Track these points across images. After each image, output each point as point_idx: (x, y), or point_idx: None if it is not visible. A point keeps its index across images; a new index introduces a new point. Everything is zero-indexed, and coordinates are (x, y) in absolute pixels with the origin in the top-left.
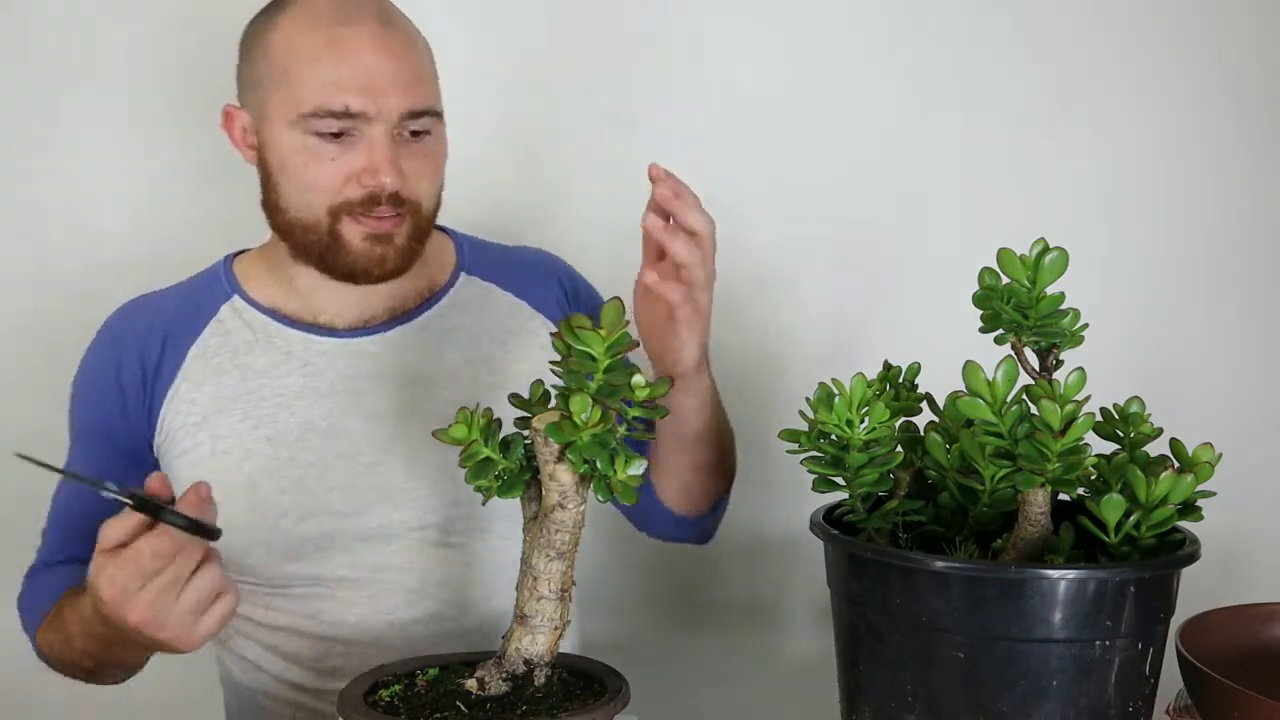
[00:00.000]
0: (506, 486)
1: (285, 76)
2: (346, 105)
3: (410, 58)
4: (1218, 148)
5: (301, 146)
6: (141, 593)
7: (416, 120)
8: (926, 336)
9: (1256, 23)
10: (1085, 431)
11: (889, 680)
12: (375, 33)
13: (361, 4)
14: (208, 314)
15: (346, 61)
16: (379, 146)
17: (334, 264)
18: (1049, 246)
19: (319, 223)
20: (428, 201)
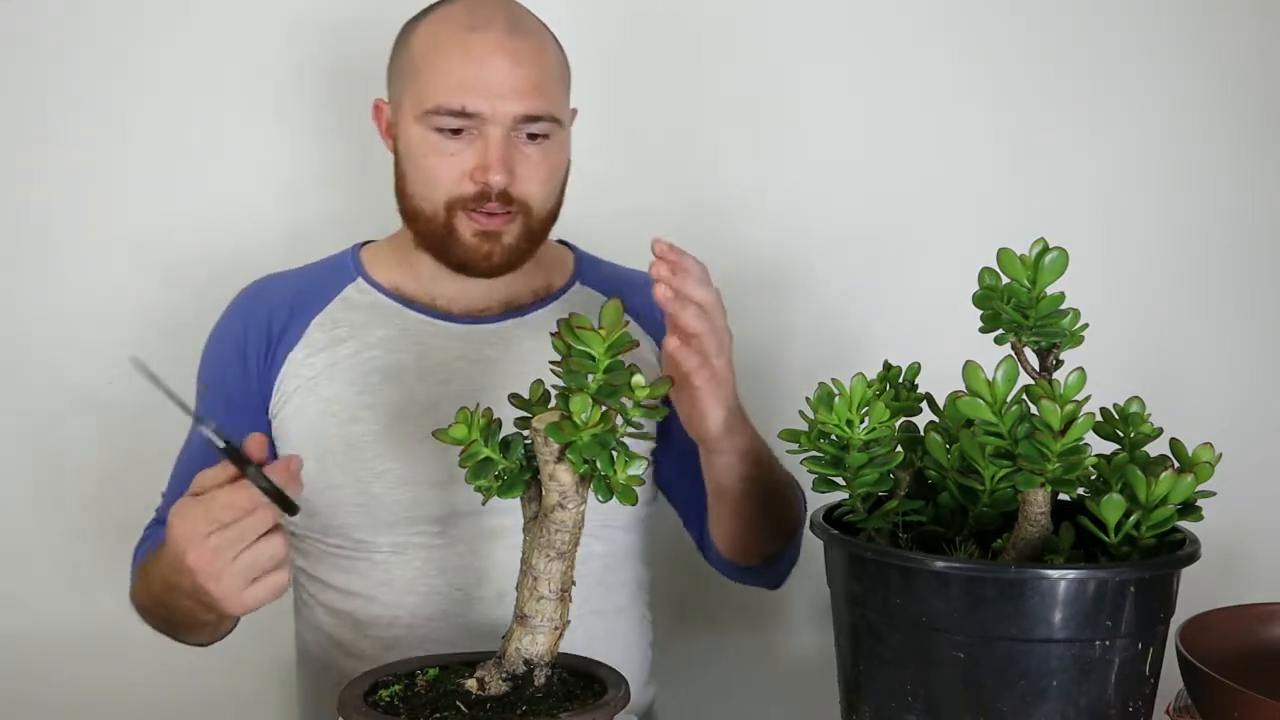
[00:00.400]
0: (506, 486)
1: (417, 74)
2: (464, 105)
3: (532, 65)
4: (1218, 148)
5: (425, 140)
6: (207, 539)
7: (533, 124)
8: (926, 336)
9: (1256, 23)
10: (1085, 431)
11: (889, 680)
12: (500, 40)
13: (494, 13)
14: (333, 292)
15: (469, 65)
16: (492, 146)
17: (447, 254)
18: (1049, 246)
19: (436, 214)
20: (539, 204)
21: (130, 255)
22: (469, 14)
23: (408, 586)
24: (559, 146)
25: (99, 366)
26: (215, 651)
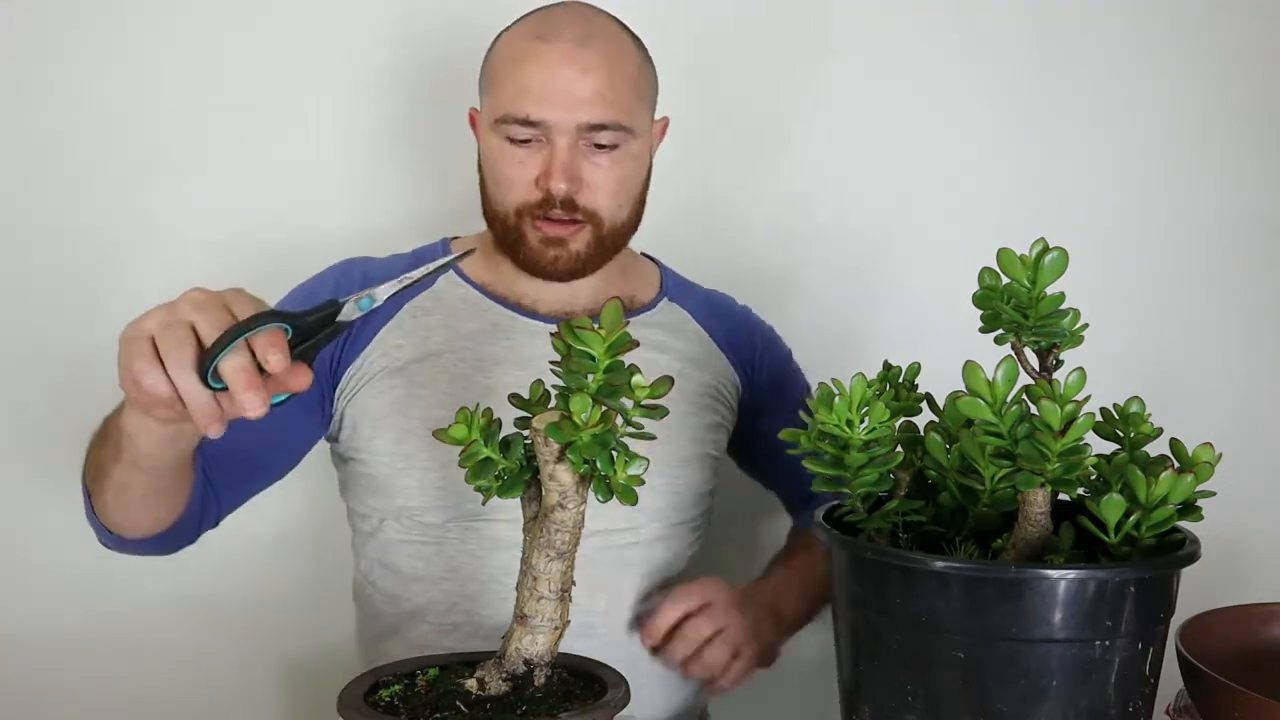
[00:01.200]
0: (506, 486)
1: (493, 83)
2: (529, 113)
3: (600, 74)
4: (1218, 148)
5: (498, 148)
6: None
7: (600, 134)
8: (926, 336)
9: (1257, 23)
10: (1085, 431)
11: (889, 680)
12: (567, 50)
13: (563, 23)
14: (425, 282)
15: (535, 74)
16: (557, 154)
17: (518, 257)
18: (1049, 246)
19: (508, 218)
20: (609, 213)
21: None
22: (542, 24)
23: (471, 574)
24: (631, 156)
25: None
26: (216, 652)
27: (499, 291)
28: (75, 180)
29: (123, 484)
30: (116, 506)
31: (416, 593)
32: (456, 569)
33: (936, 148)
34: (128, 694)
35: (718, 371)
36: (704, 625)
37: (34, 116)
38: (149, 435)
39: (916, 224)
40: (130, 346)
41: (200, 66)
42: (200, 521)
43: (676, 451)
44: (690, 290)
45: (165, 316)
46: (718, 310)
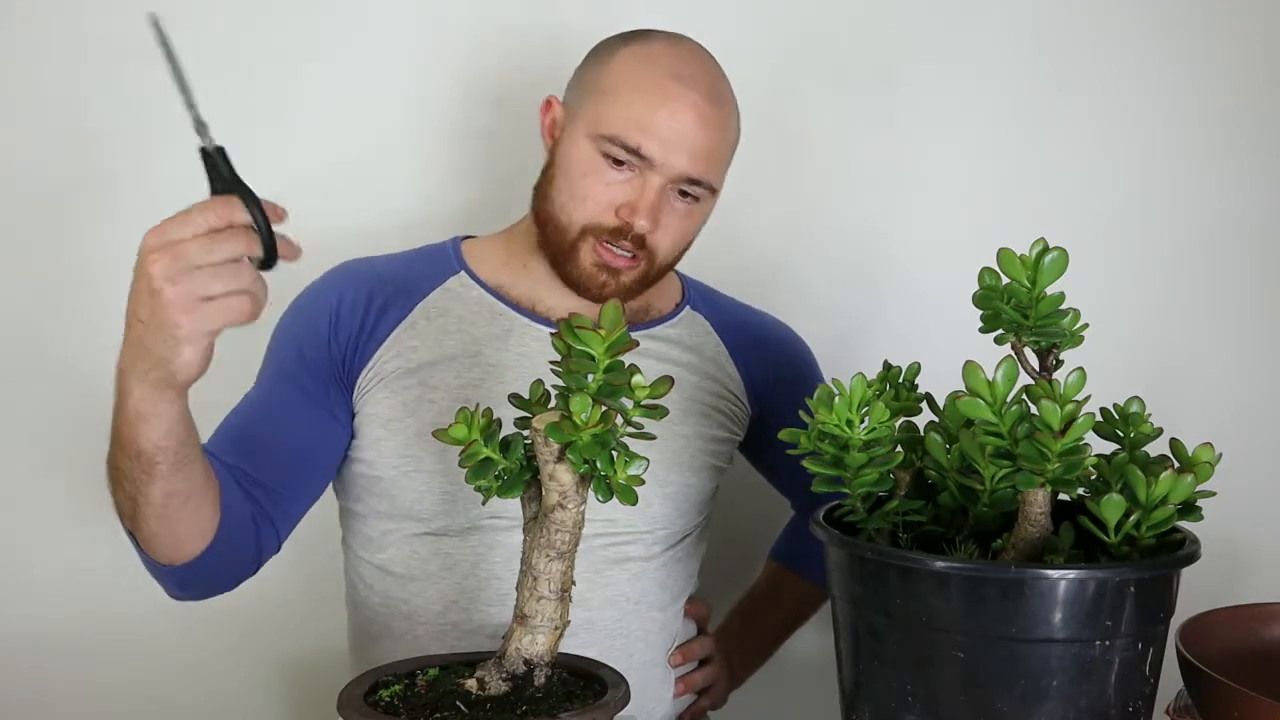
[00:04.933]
0: (506, 486)
1: (605, 95)
2: (640, 145)
3: (716, 134)
4: (1218, 147)
5: (589, 160)
6: (173, 245)
7: (691, 186)
8: (926, 336)
9: (1257, 23)
10: (1085, 431)
11: (889, 680)
12: (697, 102)
13: (699, 72)
14: (436, 280)
15: (661, 112)
16: (648, 192)
17: (564, 270)
18: (1049, 246)
19: (569, 229)
20: (664, 256)
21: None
22: (677, 61)
23: (470, 573)
24: (704, 212)
25: None
26: (215, 652)
27: (513, 295)
28: (93, 178)
29: (166, 496)
30: (163, 531)
31: (413, 593)
32: (456, 570)
33: (937, 147)
34: (127, 694)
35: (729, 384)
36: (700, 651)
37: (51, 109)
38: (159, 420)
39: (916, 224)
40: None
41: (218, 58)
42: (259, 548)
43: (680, 459)
44: (715, 301)
45: (185, 259)
46: (742, 323)
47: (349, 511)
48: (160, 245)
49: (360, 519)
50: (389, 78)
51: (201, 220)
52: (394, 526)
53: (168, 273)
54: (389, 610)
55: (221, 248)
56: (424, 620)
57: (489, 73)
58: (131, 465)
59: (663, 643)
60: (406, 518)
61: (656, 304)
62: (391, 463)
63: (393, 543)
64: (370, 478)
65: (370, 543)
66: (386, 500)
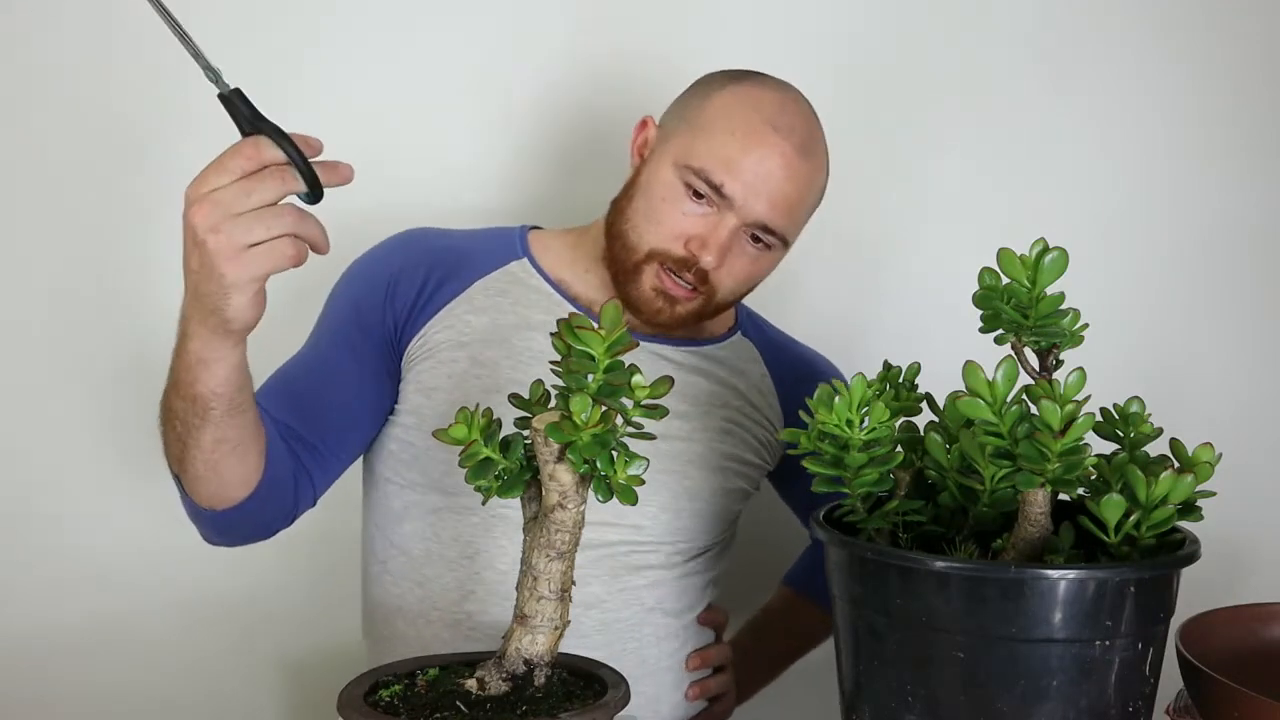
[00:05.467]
0: (506, 486)
1: (702, 129)
2: (723, 184)
3: (801, 187)
4: (1218, 147)
5: (670, 185)
6: (212, 193)
7: (766, 234)
8: (926, 336)
9: (1257, 23)
10: (1085, 431)
11: (889, 680)
12: (789, 153)
13: (797, 124)
14: (499, 261)
15: (751, 155)
16: (722, 230)
17: (623, 288)
18: (1049, 246)
19: (636, 250)
20: (726, 295)
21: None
22: (779, 111)
23: (489, 564)
24: (772, 261)
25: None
26: (216, 652)
27: (573, 291)
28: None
29: (216, 442)
30: (209, 475)
31: (429, 577)
32: (476, 560)
33: (937, 147)
34: (128, 694)
35: (768, 412)
36: (718, 657)
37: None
38: (217, 365)
39: (916, 224)
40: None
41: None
42: (296, 500)
43: (715, 475)
44: (766, 331)
45: (235, 205)
46: (790, 356)
47: (378, 480)
48: (200, 196)
49: (387, 488)
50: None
51: (235, 165)
52: (418, 499)
53: (209, 222)
54: (401, 592)
55: (259, 191)
56: (438, 606)
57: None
58: (185, 408)
59: (677, 648)
60: (432, 490)
61: (710, 325)
62: (428, 430)
63: (413, 517)
64: (405, 443)
65: (391, 514)
66: (417, 469)
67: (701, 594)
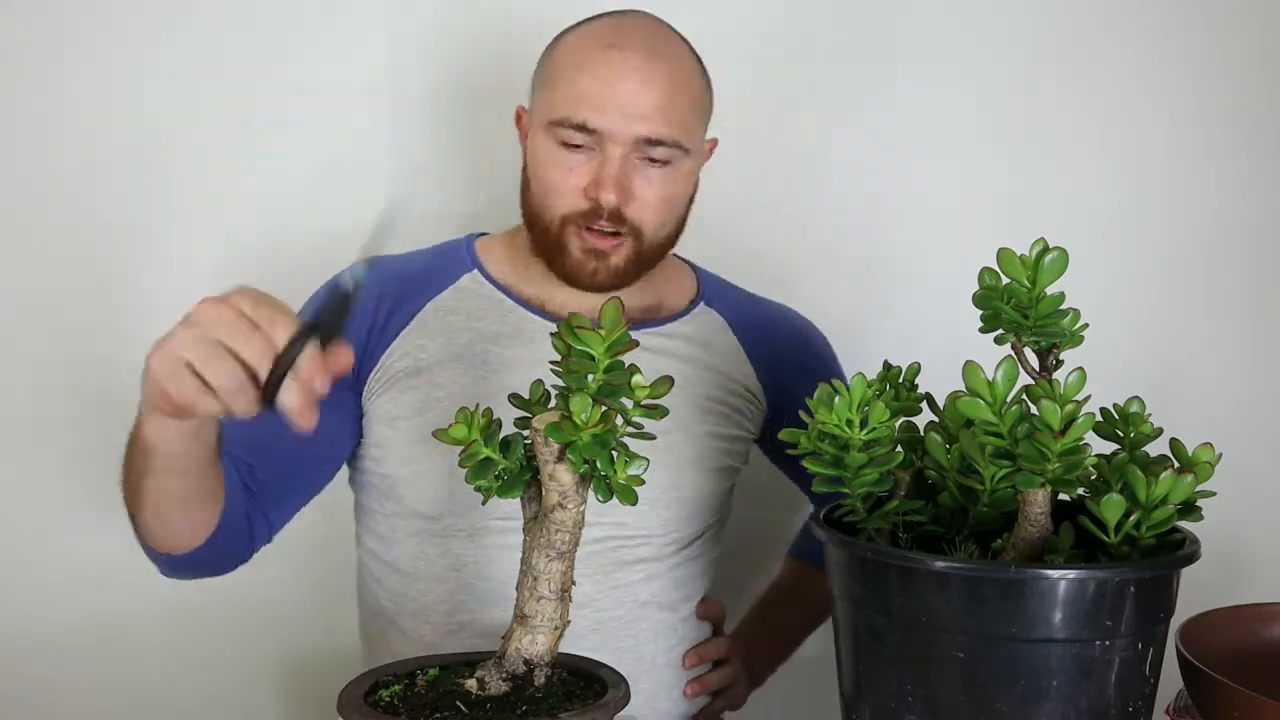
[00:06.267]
0: (506, 486)
1: (551, 84)
2: (586, 120)
3: (664, 89)
4: (1218, 147)
5: (548, 151)
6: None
7: (655, 149)
8: (926, 336)
9: (1257, 23)
10: (1085, 431)
11: (889, 680)
12: (636, 61)
13: (633, 32)
14: (449, 278)
15: (599, 81)
16: (609, 165)
17: (556, 265)
18: (1049, 246)
19: (551, 224)
20: (651, 229)
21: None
22: (612, 31)
23: (479, 574)
24: (682, 175)
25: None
26: (216, 652)
27: (525, 294)
28: (84, 182)
29: (159, 494)
30: (157, 523)
31: (422, 592)
32: (465, 572)
33: (936, 147)
34: (127, 694)
35: (744, 381)
36: (714, 652)
37: (40, 117)
38: (175, 436)
39: (916, 224)
40: (174, 380)
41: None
42: (251, 538)
43: (694, 460)
44: (731, 296)
45: (202, 347)
46: (759, 318)
47: (363, 507)
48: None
49: (372, 515)
50: (389, 75)
51: (247, 303)
52: (403, 524)
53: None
54: (396, 607)
55: (237, 338)
56: (430, 620)
57: (495, 69)
58: (138, 452)
59: (674, 644)
60: (414, 516)
61: (669, 301)
62: (399, 462)
63: (400, 540)
64: (379, 475)
65: (381, 540)
66: (394, 499)
67: (698, 582)
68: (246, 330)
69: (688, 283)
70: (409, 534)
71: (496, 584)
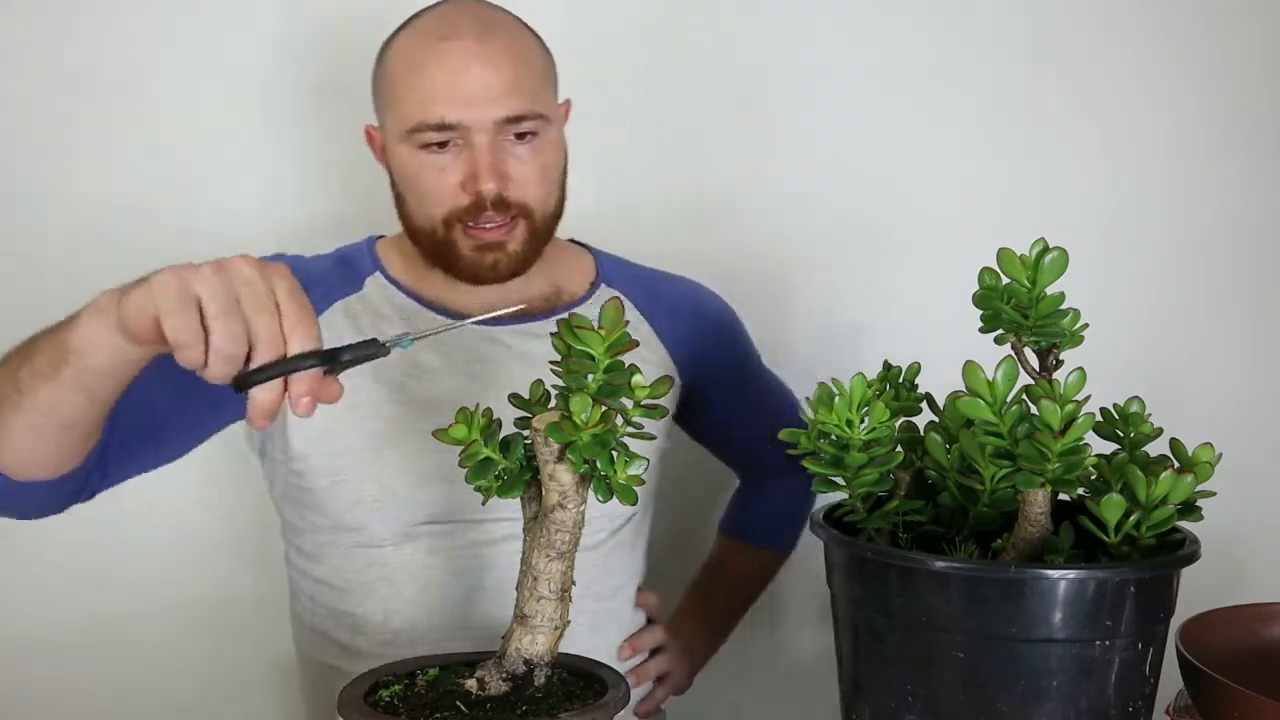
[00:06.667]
0: (506, 486)
1: (395, 94)
2: (443, 117)
3: (508, 66)
4: (1218, 147)
5: (413, 159)
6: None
7: (518, 125)
8: (926, 336)
9: (1257, 23)
10: (1085, 431)
11: (889, 680)
12: (471, 46)
13: (463, 18)
14: (353, 282)
15: (442, 75)
16: (480, 154)
17: (454, 269)
18: (1049, 246)
19: (436, 230)
20: (538, 205)
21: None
22: (438, 23)
23: (410, 579)
24: (550, 144)
25: None
26: (215, 651)
27: (427, 296)
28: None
29: (50, 405)
30: (25, 435)
31: (355, 605)
32: (394, 581)
33: (937, 148)
34: (127, 694)
35: (655, 359)
36: (650, 641)
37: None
38: (114, 360)
39: (916, 224)
40: (178, 314)
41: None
42: (76, 492)
43: None
44: (632, 274)
45: (224, 298)
46: (663, 294)
47: (288, 525)
48: (246, 266)
49: (298, 532)
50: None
51: (283, 287)
52: (330, 539)
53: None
54: (334, 622)
55: (260, 313)
56: (365, 631)
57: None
58: (48, 352)
59: (612, 633)
60: (340, 529)
61: (568, 287)
62: (321, 474)
63: (329, 555)
64: (303, 489)
65: (309, 557)
66: (319, 512)
67: (631, 570)
68: (271, 312)
69: (585, 266)
70: (338, 549)
71: (429, 589)
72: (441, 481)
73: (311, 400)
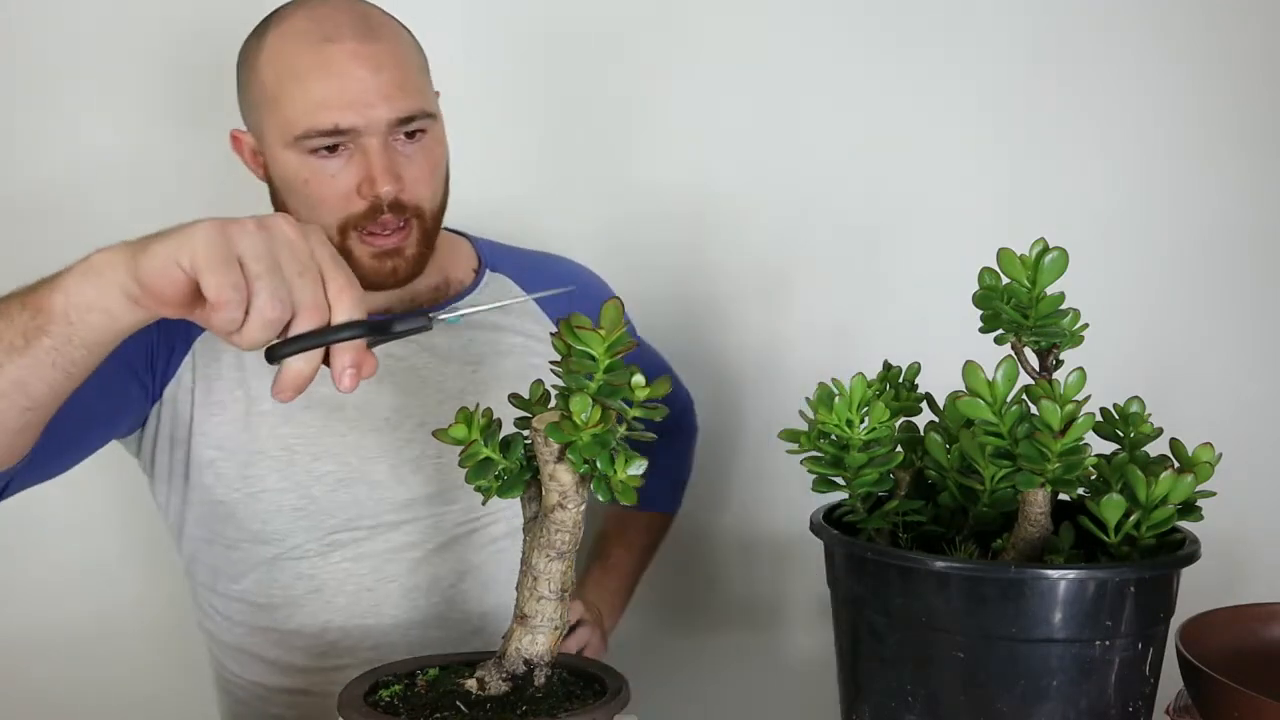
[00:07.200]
0: (506, 486)
1: (276, 100)
2: (335, 123)
3: (393, 68)
4: (1218, 147)
5: (302, 166)
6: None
7: (408, 125)
8: (926, 336)
9: (1257, 23)
10: (1085, 431)
11: (889, 680)
12: (355, 49)
13: (340, 20)
14: None
15: (330, 80)
16: (374, 157)
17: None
18: (1049, 246)
19: (331, 239)
20: (430, 204)
21: None
22: (317, 25)
23: (339, 588)
24: (436, 139)
25: None
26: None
27: None
28: None
29: (16, 383)
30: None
31: (281, 620)
32: (323, 592)
33: (936, 148)
34: (125, 694)
35: (545, 334)
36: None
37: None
38: (112, 320)
39: (916, 224)
40: (219, 271)
41: None
42: (2, 490)
43: None
44: (512, 256)
45: (268, 258)
46: (545, 272)
47: (194, 542)
48: (289, 228)
49: (210, 548)
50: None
51: (326, 255)
52: (246, 554)
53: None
54: (260, 639)
55: (305, 277)
56: (297, 645)
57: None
58: (14, 317)
59: None
60: (257, 542)
61: (455, 275)
62: (233, 485)
63: (247, 571)
64: (215, 502)
65: (222, 574)
66: (233, 525)
67: None
68: (315, 277)
69: (466, 253)
70: (257, 562)
71: (359, 596)
72: (362, 485)
73: (356, 373)
